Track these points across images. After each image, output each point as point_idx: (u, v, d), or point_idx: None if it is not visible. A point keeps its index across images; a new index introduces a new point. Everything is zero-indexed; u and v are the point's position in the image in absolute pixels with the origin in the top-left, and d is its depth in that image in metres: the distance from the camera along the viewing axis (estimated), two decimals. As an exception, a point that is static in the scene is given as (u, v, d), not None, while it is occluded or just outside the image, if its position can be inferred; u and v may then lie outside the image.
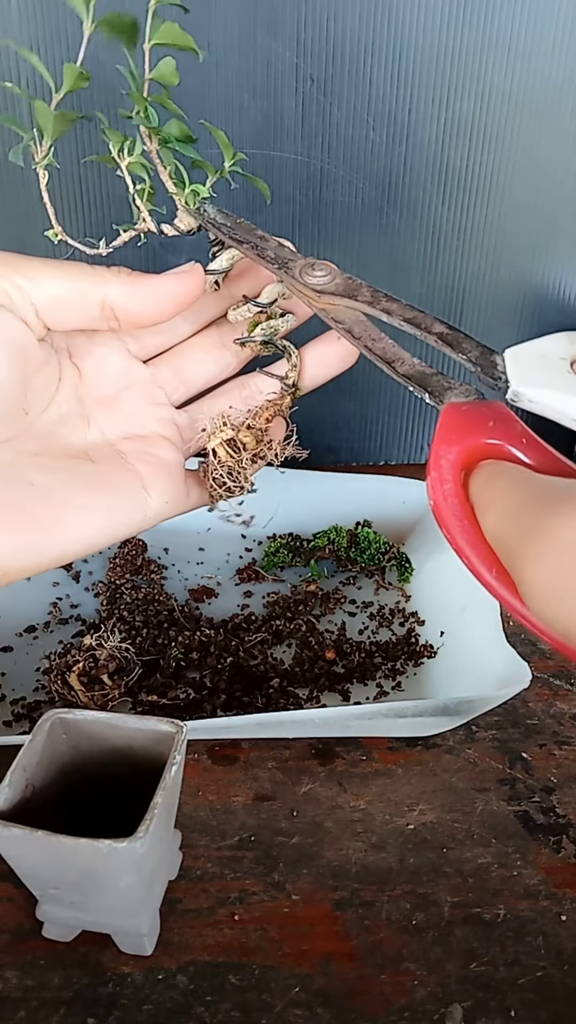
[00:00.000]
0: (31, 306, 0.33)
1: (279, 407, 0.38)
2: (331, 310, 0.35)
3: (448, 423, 0.30)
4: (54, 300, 0.33)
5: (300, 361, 0.38)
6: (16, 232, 0.64)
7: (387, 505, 0.64)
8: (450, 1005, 0.34)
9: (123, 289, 0.34)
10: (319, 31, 0.60)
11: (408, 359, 0.34)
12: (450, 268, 0.70)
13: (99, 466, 0.35)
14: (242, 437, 0.36)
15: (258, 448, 0.37)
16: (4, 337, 0.32)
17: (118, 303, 0.34)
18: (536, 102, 0.63)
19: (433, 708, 0.43)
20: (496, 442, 0.29)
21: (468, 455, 0.29)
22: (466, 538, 0.28)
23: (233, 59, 0.60)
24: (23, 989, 0.34)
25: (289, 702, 0.49)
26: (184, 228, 0.37)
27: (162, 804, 0.32)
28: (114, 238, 0.37)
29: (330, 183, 0.65)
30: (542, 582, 0.24)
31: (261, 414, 0.38)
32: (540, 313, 0.72)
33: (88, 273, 0.33)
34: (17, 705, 0.48)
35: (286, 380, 0.38)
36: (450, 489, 0.29)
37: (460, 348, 0.33)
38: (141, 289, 0.34)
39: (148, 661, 0.51)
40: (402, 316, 0.34)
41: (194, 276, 0.35)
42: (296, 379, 0.38)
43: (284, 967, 0.35)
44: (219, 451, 0.36)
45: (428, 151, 0.65)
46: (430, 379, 0.33)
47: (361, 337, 0.34)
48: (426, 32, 0.60)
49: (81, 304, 0.33)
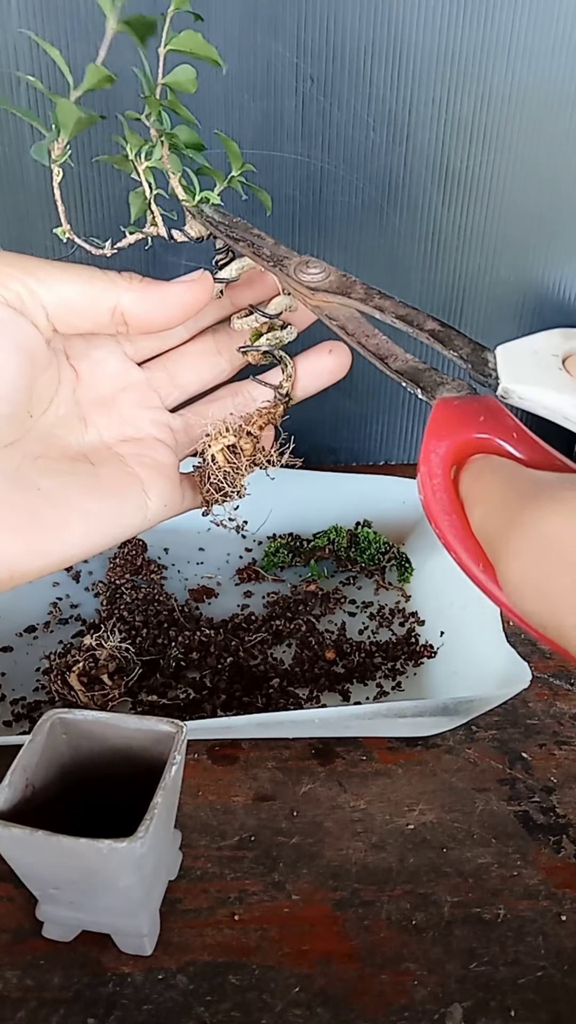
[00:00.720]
0: (42, 309, 0.33)
1: (272, 416, 0.38)
2: (325, 307, 0.35)
3: (439, 418, 0.30)
4: (65, 304, 0.33)
5: (295, 372, 0.38)
6: (16, 232, 0.64)
7: (387, 505, 0.64)
8: (450, 1005, 0.34)
9: (135, 296, 0.34)
10: (319, 31, 0.60)
11: (401, 355, 0.34)
12: (450, 268, 0.70)
13: (99, 469, 0.35)
14: (242, 443, 0.37)
15: (255, 454, 0.37)
16: (16, 340, 0.32)
17: (129, 310, 0.34)
18: (536, 103, 0.63)
19: (433, 708, 0.43)
20: (487, 436, 0.29)
21: (459, 450, 0.29)
22: (455, 533, 0.28)
23: (233, 59, 0.60)
24: (23, 989, 0.34)
25: (289, 702, 0.49)
26: (194, 235, 0.37)
27: (162, 804, 0.32)
28: (119, 239, 0.37)
29: (330, 183, 0.65)
30: (520, 574, 0.24)
31: (255, 421, 0.38)
32: (540, 313, 0.72)
33: (100, 278, 0.33)
34: (17, 705, 0.48)
35: (280, 390, 0.39)
36: (440, 484, 0.29)
37: (452, 345, 0.33)
38: (152, 296, 0.34)
39: (148, 661, 0.51)
40: (395, 313, 0.34)
41: (203, 285, 0.35)
42: (290, 389, 0.39)
43: (284, 967, 0.35)
44: (218, 457, 0.36)
45: (428, 151, 0.65)
46: (423, 375, 0.33)
47: (355, 334, 0.34)
48: (426, 32, 0.60)
49: (92, 309, 0.33)
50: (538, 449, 0.29)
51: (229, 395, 0.40)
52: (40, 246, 0.65)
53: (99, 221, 0.64)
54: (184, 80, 0.33)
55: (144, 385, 0.38)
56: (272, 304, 0.38)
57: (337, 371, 0.39)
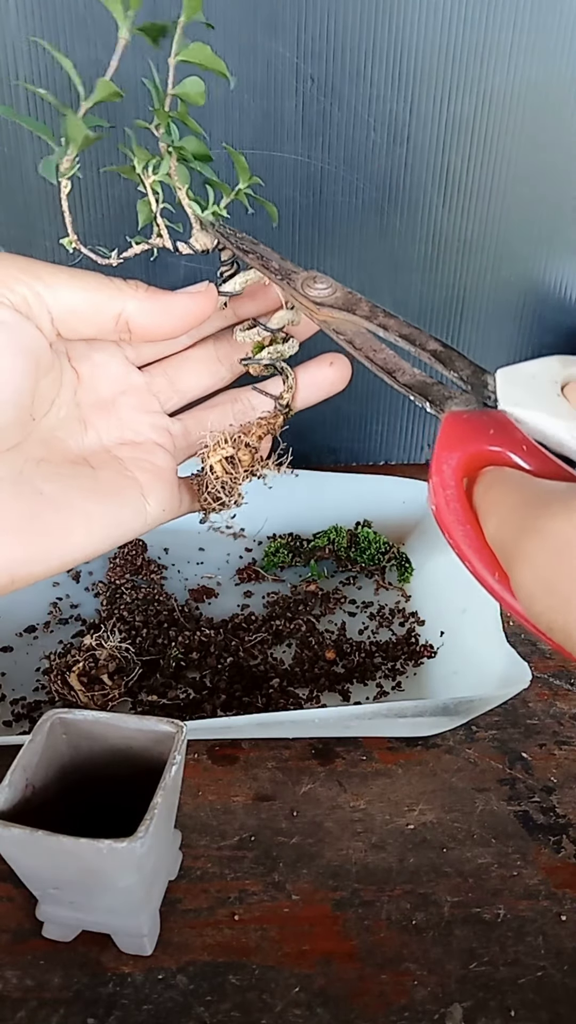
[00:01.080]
0: (47, 314, 0.33)
1: (272, 426, 0.39)
2: (332, 322, 0.36)
3: (449, 430, 0.30)
4: (70, 310, 0.33)
5: (295, 383, 0.39)
6: (16, 234, 0.64)
7: (387, 505, 0.64)
8: (450, 1005, 0.34)
9: (140, 305, 0.34)
10: (319, 31, 0.60)
11: (409, 369, 0.34)
12: (451, 269, 0.70)
13: (100, 473, 0.35)
14: (240, 454, 0.37)
15: (252, 465, 0.37)
16: (21, 344, 0.32)
17: (134, 318, 0.34)
18: (539, 103, 0.63)
19: (433, 708, 0.43)
20: (498, 449, 0.29)
21: (470, 461, 0.30)
22: (468, 543, 0.28)
23: (233, 59, 0.60)
24: (23, 989, 0.34)
25: (289, 702, 0.49)
26: (199, 248, 0.37)
27: (162, 804, 0.32)
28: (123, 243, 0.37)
29: (330, 184, 0.65)
30: (532, 578, 0.24)
31: (254, 432, 0.38)
32: (541, 314, 0.72)
33: (106, 286, 0.34)
34: (17, 705, 0.48)
35: (280, 400, 0.39)
36: (452, 494, 0.29)
37: (453, 366, 0.33)
38: (156, 306, 0.34)
39: (148, 661, 0.51)
40: (398, 332, 0.34)
41: (208, 297, 0.35)
42: (290, 400, 0.39)
43: (284, 967, 0.35)
44: (216, 467, 0.37)
45: (429, 152, 0.65)
46: (431, 389, 0.33)
47: (362, 348, 0.35)
48: (428, 32, 0.60)
49: (96, 316, 0.34)
50: (547, 461, 0.29)
51: (228, 402, 0.40)
52: (40, 248, 0.65)
53: (102, 224, 0.64)
54: (193, 93, 0.33)
55: (144, 389, 0.38)
56: (275, 318, 0.38)
57: (337, 383, 0.39)
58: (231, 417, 0.40)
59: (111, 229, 0.64)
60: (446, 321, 0.72)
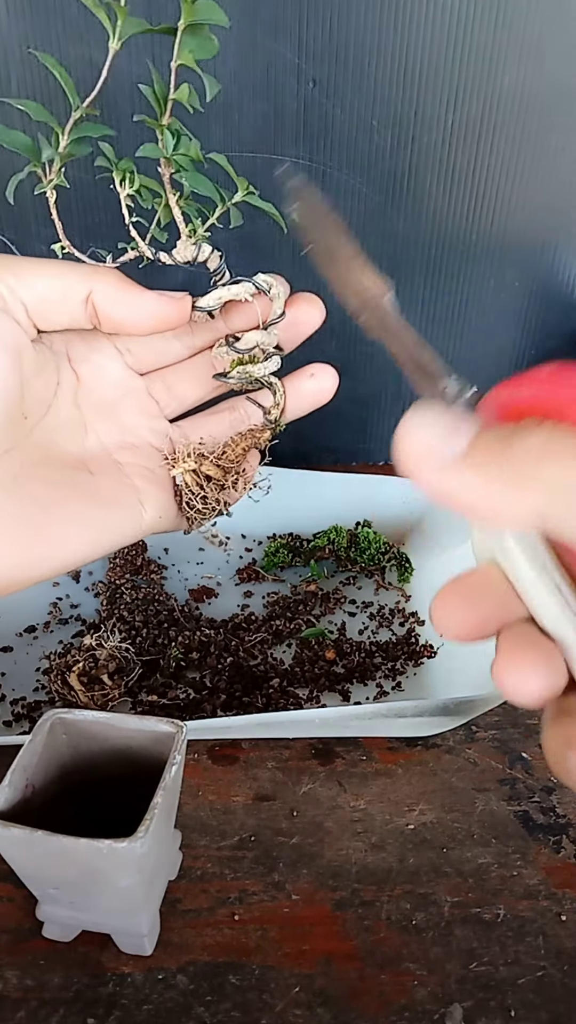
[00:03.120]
0: (22, 306, 0.33)
1: (257, 440, 0.38)
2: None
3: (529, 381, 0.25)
4: (43, 298, 0.33)
5: (284, 399, 0.38)
6: (9, 238, 0.64)
7: (387, 505, 0.64)
8: (450, 1005, 0.34)
9: (107, 290, 0.34)
10: (321, 30, 0.59)
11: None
12: (455, 272, 0.70)
13: (98, 479, 0.35)
14: (204, 470, 0.37)
15: (225, 479, 0.37)
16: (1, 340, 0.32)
17: (100, 303, 0.34)
18: (547, 104, 0.63)
19: (433, 708, 0.43)
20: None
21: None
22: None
23: (233, 59, 0.60)
24: (23, 989, 0.34)
25: (289, 702, 0.49)
26: (181, 260, 0.37)
27: (162, 804, 0.32)
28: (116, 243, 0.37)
29: (332, 187, 0.65)
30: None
31: (237, 444, 0.38)
32: (545, 319, 0.72)
33: (75, 270, 0.34)
34: (17, 705, 0.48)
35: (268, 415, 0.39)
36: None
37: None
38: (124, 295, 0.34)
39: (148, 661, 0.51)
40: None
41: (178, 306, 0.35)
42: (278, 416, 0.39)
43: (284, 967, 0.35)
44: (187, 479, 0.37)
45: (434, 154, 0.64)
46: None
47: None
48: (433, 32, 0.60)
49: (65, 302, 0.34)
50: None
51: (227, 409, 0.40)
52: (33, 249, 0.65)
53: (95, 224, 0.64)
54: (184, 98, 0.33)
55: (144, 393, 0.38)
56: (243, 339, 0.37)
57: (322, 394, 0.39)
58: (227, 425, 0.40)
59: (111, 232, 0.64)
60: (449, 325, 0.72)
